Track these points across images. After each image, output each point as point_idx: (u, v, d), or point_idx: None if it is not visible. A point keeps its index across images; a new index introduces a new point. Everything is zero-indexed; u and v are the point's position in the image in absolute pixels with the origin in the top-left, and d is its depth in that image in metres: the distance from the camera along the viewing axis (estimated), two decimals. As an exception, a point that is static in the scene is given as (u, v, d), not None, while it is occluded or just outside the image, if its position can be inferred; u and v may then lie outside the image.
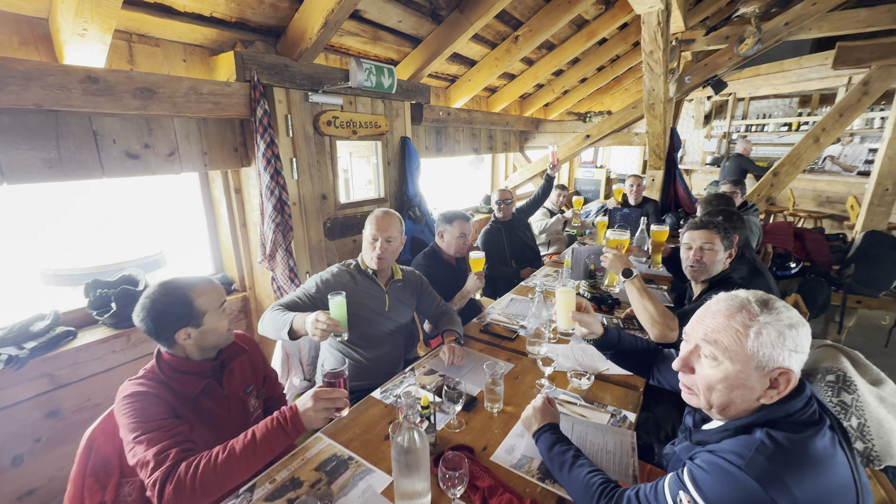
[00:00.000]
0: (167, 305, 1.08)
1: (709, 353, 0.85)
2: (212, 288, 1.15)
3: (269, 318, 1.47)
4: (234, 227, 2.41)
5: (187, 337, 1.10)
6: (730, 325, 0.82)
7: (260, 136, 1.98)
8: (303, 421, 1.06)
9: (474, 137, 4.22)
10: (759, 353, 0.79)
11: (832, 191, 5.52)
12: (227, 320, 1.18)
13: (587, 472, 0.98)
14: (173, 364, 1.12)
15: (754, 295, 0.84)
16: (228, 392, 1.21)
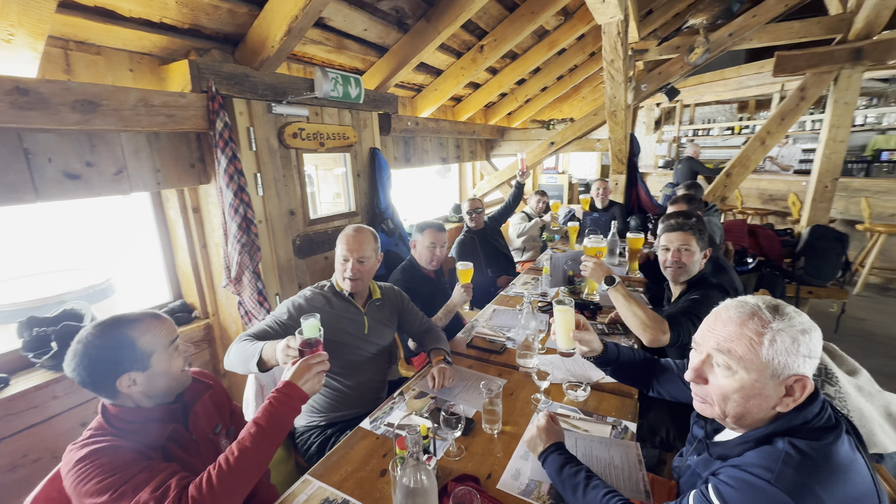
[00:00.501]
0: (102, 349, 0.91)
1: (722, 363, 0.83)
2: (158, 323, 1.00)
3: (236, 351, 1.33)
4: (192, 250, 2.22)
5: (132, 384, 0.95)
6: (743, 332, 0.80)
7: (220, 150, 1.84)
8: (304, 390, 1.04)
9: (442, 147, 4.19)
10: (774, 361, 0.77)
11: (774, 189, 5.93)
12: (180, 359, 1.03)
13: (604, 495, 0.93)
14: (124, 416, 0.96)
15: (764, 301, 0.82)
16: (197, 436, 1.07)
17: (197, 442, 1.06)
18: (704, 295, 1.54)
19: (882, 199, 4.70)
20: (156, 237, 2.22)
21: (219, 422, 1.14)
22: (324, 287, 1.63)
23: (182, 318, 2.20)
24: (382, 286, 1.79)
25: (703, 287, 1.61)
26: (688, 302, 1.55)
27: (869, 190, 4.80)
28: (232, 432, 1.18)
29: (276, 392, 1.02)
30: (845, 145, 3.54)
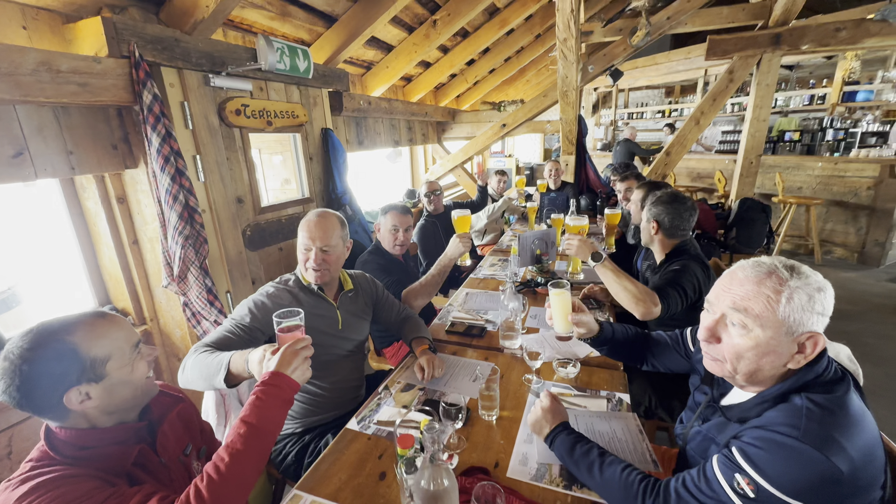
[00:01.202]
0: (36, 363, 0.72)
1: (738, 322, 0.82)
2: (106, 323, 0.81)
3: (194, 364, 1.11)
4: (120, 246, 1.91)
5: (84, 398, 0.76)
6: (760, 291, 0.80)
7: (151, 128, 1.57)
8: (294, 378, 0.93)
9: (394, 129, 4.02)
10: (790, 319, 0.77)
11: (701, 167, 6.44)
12: (144, 365, 0.86)
13: (622, 470, 0.91)
14: (77, 441, 0.78)
15: (780, 260, 0.82)
16: (166, 459, 0.89)
17: (166, 466, 0.88)
18: (685, 266, 1.59)
19: (791, 174, 5.26)
20: (71, 233, 1.88)
21: (189, 441, 0.97)
22: (288, 281, 1.45)
23: (113, 327, 1.90)
24: (353, 275, 1.64)
25: (684, 257, 1.66)
26: (670, 273, 1.59)
27: (781, 166, 5.34)
28: (204, 452, 1.01)
29: (263, 385, 0.89)
30: (767, 124, 3.89)
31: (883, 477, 0.77)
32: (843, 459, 0.69)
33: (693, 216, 1.71)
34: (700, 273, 1.58)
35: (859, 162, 4.65)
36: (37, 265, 1.92)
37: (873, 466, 0.74)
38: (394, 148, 4.16)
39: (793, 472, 0.71)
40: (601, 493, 0.93)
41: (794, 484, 0.70)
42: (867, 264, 4.76)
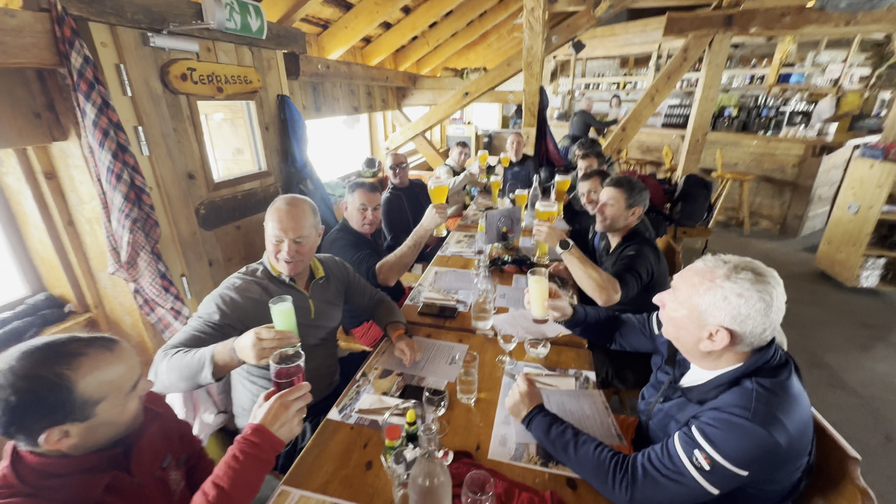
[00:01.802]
0: (27, 394, 0.66)
1: (673, 296, 0.98)
2: (113, 358, 0.75)
3: (170, 368, 1.04)
4: (52, 228, 1.71)
5: (63, 436, 0.71)
6: (693, 279, 0.93)
7: (84, 96, 1.37)
8: (278, 436, 0.86)
9: (353, 94, 3.81)
10: (701, 307, 0.91)
11: (651, 141, 6.73)
12: (136, 403, 0.80)
13: (594, 448, 0.99)
14: (43, 468, 0.72)
15: (739, 264, 0.90)
16: (141, 478, 0.84)
17: (141, 485, 0.84)
18: (639, 251, 1.69)
19: (729, 151, 5.65)
20: (-11, 214, 1.65)
21: (167, 452, 0.92)
22: (255, 272, 1.37)
23: (52, 316, 1.73)
24: (324, 260, 1.58)
25: (637, 241, 1.76)
26: (626, 259, 1.68)
27: (721, 142, 5.71)
28: (183, 460, 0.97)
29: (244, 441, 0.83)
30: (714, 103, 4.10)
31: (810, 445, 0.91)
32: (782, 434, 0.81)
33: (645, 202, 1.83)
34: (652, 257, 1.70)
35: (788, 141, 5.07)
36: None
37: (805, 438, 0.87)
38: (354, 114, 3.95)
39: (743, 448, 0.81)
40: (576, 470, 1.02)
41: (744, 457, 0.81)
42: (787, 235, 5.31)
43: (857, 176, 3.74)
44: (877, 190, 3.52)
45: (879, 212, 3.50)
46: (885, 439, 2.17)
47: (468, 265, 2.35)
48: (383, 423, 1.13)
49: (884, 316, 3.40)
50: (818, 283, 4.00)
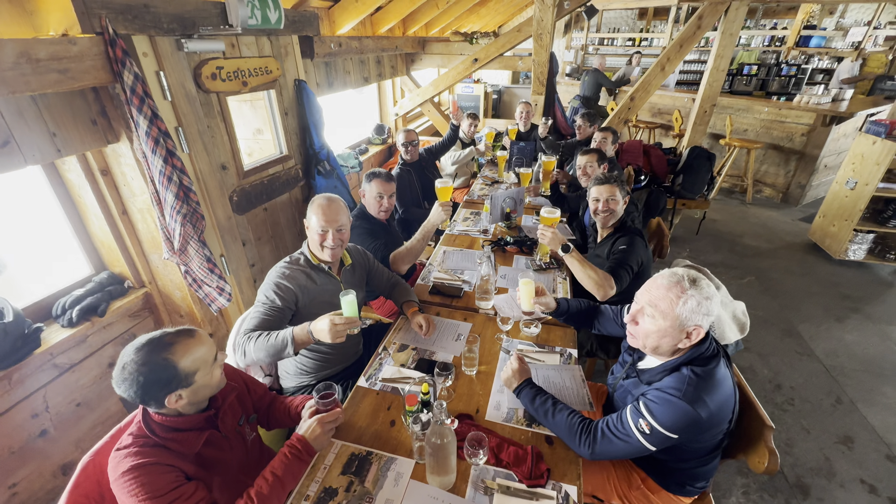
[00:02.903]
0: (149, 374, 0.95)
1: (650, 313, 1.17)
2: (195, 342, 1.03)
3: (257, 347, 1.36)
4: (109, 217, 1.96)
5: (178, 399, 1.01)
6: (667, 295, 1.14)
7: (137, 110, 1.56)
8: (314, 446, 1.17)
9: (363, 65, 3.85)
10: (682, 315, 1.12)
11: (663, 104, 6.62)
12: (219, 370, 1.09)
13: (567, 415, 1.28)
14: (166, 424, 1.03)
15: (688, 274, 1.13)
16: (226, 433, 1.17)
17: (227, 438, 1.16)
18: (630, 244, 1.89)
19: (740, 116, 5.60)
20: (55, 204, 1.89)
21: (242, 414, 1.24)
22: (298, 261, 1.63)
23: (116, 291, 2.02)
24: (349, 250, 1.84)
25: (627, 232, 1.96)
26: (619, 254, 1.89)
27: (732, 108, 5.64)
28: (253, 419, 1.29)
29: (291, 446, 1.14)
30: (724, 74, 4.07)
31: (730, 415, 1.18)
32: (704, 410, 1.08)
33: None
34: (641, 248, 1.91)
35: (799, 109, 5.02)
36: (22, 235, 1.95)
37: (723, 412, 1.14)
38: (365, 85, 4.01)
39: (674, 418, 1.09)
40: (553, 430, 1.31)
41: (674, 425, 1.09)
42: (788, 203, 5.41)
43: (858, 152, 3.80)
44: (875, 167, 3.60)
45: (875, 188, 3.61)
46: (835, 402, 2.49)
47: (474, 244, 2.58)
48: (404, 392, 1.43)
49: (863, 288, 3.62)
50: (808, 253, 4.19)
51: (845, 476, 2.04)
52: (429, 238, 2.19)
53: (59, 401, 1.84)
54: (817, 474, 2.05)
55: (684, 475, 1.32)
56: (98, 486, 1.15)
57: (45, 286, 1.93)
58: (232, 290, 2.08)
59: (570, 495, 1.16)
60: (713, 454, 1.26)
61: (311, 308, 1.59)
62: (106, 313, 1.93)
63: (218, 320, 2.28)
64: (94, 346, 1.93)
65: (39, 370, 1.74)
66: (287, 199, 2.68)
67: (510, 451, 1.25)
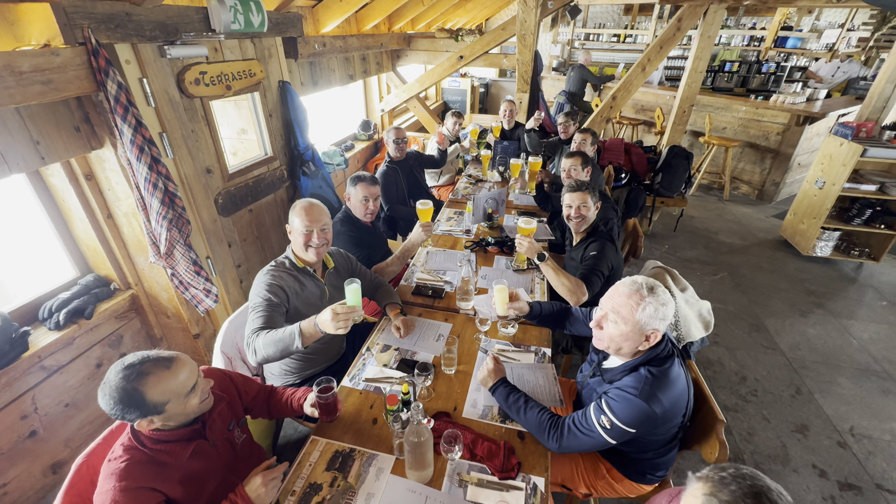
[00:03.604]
0: (119, 399, 0.98)
1: (613, 319, 1.27)
2: (170, 375, 1.04)
3: (266, 343, 1.39)
4: (94, 221, 1.98)
5: (150, 422, 1.05)
6: (628, 302, 1.23)
7: (121, 118, 1.58)
8: (252, 499, 1.11)
9: (348, 63, 3.85)
10: (642, 321, 1.22)
11: (645, 100, 6.74)
12: (197, 399, 1.11)
13: (538, 412, 1.38)
14: (153, 436, 1.08)
15: (646, 283, 1.23)
16: (214, 440, 1.21)
17: (215, 446, 1.20)
18: (601, 250, 1.98)
19: (720, 115, 5.74)
20: (41, 209, 1.91)
21: (231, 418, 1.29)
22: (284, 264, 1.68)
23: (102, 294, 2.05)
24: (332, 253, 1.89)
25: (598, 237, 2.06)
26: (590, 260, 1.98)
27: (712, 106, 5.78)
28: (243, 423, 1.35)
29: (228, 501, 1.11)
30: (703, 76, 4.18)
31: (684, 410, 1.29)
32: (658, 406, 1.18)
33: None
34: (612, 253, 2.00)
35: (775, 109, 5.17)
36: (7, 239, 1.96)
37: (677, 407, 1.25)
38: (350, 82, 4.02)
39: (631, 414, 1.19)
40: (524, 426, 1.41)
41: (632, 421, 1.20)
42: (763, 200, 5.60)
43: (827, 152, 3.96)
44: (842, 168, 3.76)
45: (841, 188, 3.78)
46: (795, 392, 2.65)
47: (457, 244, 2.65)
48: (386, 392, 1.51)
49: (827, 284, 3.81)
50: (779, 250, 4.37)
51: (799, 462, 2.20)
52: (409, 256, 2.25)
53: (47, 402, 1.88)
54: (774, 460, 2.21)
55: (645, 465, 1.44)
56: (92, 485, 1.20)
57: (30, 290, 1.95)
58: (218, 291, 2.13)
59: (538, 486, 1.26)
60: (670, 446, 1.37)
61: (301, 311, 1.65)
62: (93, 315, 1.97)
63: (205, 321, 2.32)
64: (81, 347, 1.97)
65: (28, 373, 1.77)
66: (272, 200, 2.71)
67: (484, 447, 1.35)
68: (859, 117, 3.90)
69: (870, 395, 2.63)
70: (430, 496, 1.21)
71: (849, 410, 2.52)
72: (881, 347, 3.04)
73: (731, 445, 2.26)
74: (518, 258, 2.33)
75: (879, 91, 3.69)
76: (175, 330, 2.30)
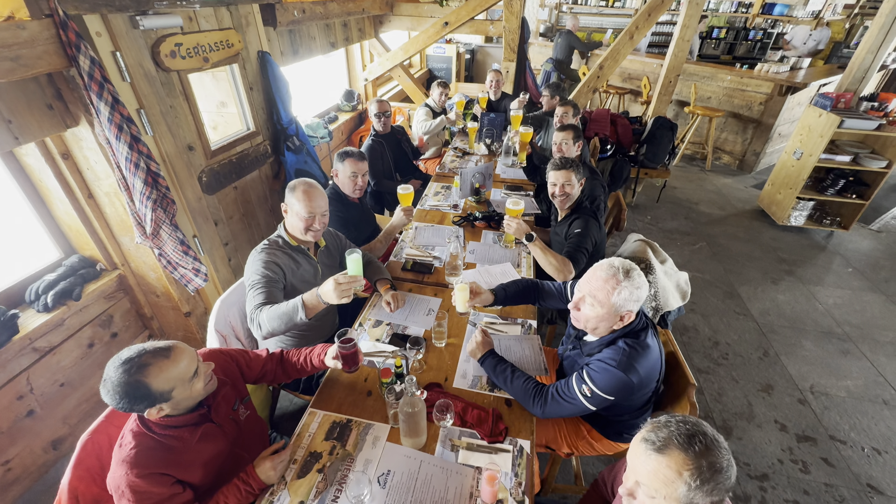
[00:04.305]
0: (127, 390, 1.00)
1: (590, 302, 1.33)
2: (171, 363, 1.06)
3: (270, 317, 1.45)
4: (75, 201, 1.93)
5: (160, 410, 1.07)
6: (605, 286, 1.29)
7: (97, 96, 1.53)
8: (263, 479, 1.19)
9: (329, 30, 3.70)
10: (617, 303, 1.29)
11: (633, 68, 6.67)
12: (201, 382, 1.13)
13: (523, 381, 1.46)
14: (160, 422, 1.11)
15: (623, 266, 1.29)
16: (220, 422, 1.24)
17: (221, 426, 1.24)
18: (585, 227, 2.03)
19: (705, 84, 5.74)
20: (17, 190, 1.85)
21: (235, 398, 1.32)
22: (277, 243, 1.69)
23: (89, 274, 2.04)
24: (323, 233, 1.91)
25: (582, 214, 2.10)
26: (574, 237, 2.03)
27: (698, 75, 5.77)
28: (247, 400, 1.38)
29: (244, 482, 1.18)
30: (689, 44, 4.15)
31: (658, 377, 1.39)
32: (635, 376, 1.27)
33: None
34: (595, 230, 2.06)
35: (759, 78, 5.20)
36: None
37: (651, 375, 1.34)
38: (332, 50, 3.87)
39: (610, 383, 1.28)
40: (511, 394, 1.49)
41: (611, 389, 1.29)
42: (743, 170, 5.71)
43: (806, 123, 4.04)
44: (819, 139, 3.86)
45: (818, 159, 3.88)
46: (763, 355, 2.83)
47: (445, 220, 2.68)
48: (380, 366, 1.58)
49: (798, 252, 3.98)
50: (755, 219, 4.52)
51: (763, 418, 2.39)
52: (391, 239, 2.27)
53: (42, 382, 1.90)
54: (740, 417, 2.39)
55: (622, 426, 1.55)
56: (98, 460, 1.25)
57: (13, 272, 1.92)
58: (208, 270, 2.13)
59: (524, 448, 1.36)
60: (644, 408, 1.48)
61: (297, 287, 1.68)
62: (81, 296, 1.96)
63: (195, 300, 2.33)
64: (72, 328, 1.97)
65: (20, 355, 1.78)
66: (257, 177, 2.67)
67: (474, 414, 1.44)
68: (839, 88, 3.96)
69: (830, 356, 2.82)
70: (425, 460, 1.30)
71: (810, 370, 2.71)
72: (843, 311, 3.24)
73: (703, 405, 2.44)
74: (506, 238, 2.37)
75: (860, 61, 3.74)
76: (165, 309, 2.31)
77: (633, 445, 0.92)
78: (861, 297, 3.40)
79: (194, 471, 1.16)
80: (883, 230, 4.40)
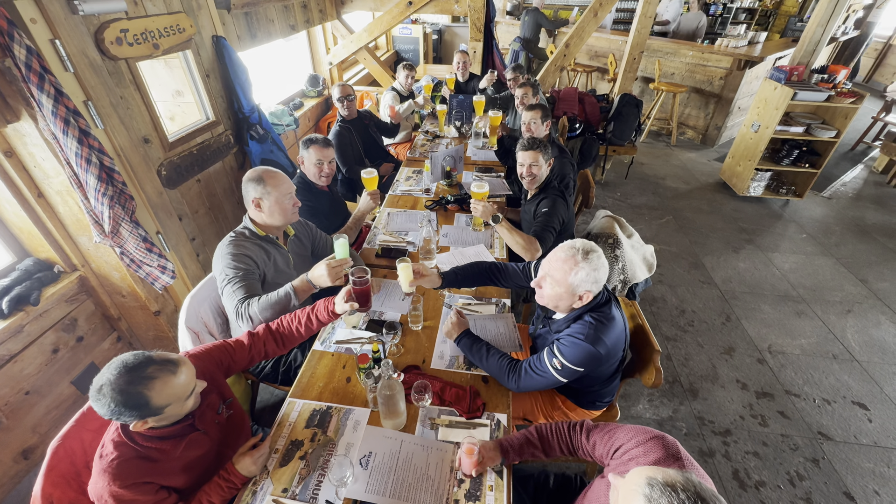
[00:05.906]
0: (122, 402, 0.97)
1: (550, 281, 1.38)
2: (175, 379, 1.03)
3: (262, 308, 1.49)
4: (23, 201, 1.83)
5: (144, 423, 1.04)
6: (563, 266, 1.33)
7: (38, 88, 1.44)
8: (244, 474, 1.19)
9: (288, 12, 3.56)
10: (574, 283, 1.33)
11: (599, 46, 6.71)
12: (192, 399, 1.11)
13: (498, 358, 1.51)
14: (144, 433, 1.08)
15: (583, 248, 1.33)
16: (205, 428, 1.22)
17: (206, 433, 1.21)
18: (552, 206, 2.07)
19: (669, 60, 5.85)
20: (-44, 192, 1.74)
21: (219, 402, 1.29)
22: (244, 235, 1.65)
23: (46, 278, 1.95)
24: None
25: (549, 193, 2.14)
26: (542, 217, 2.06)
27: (662, 51, 5.86)
28: (230, 402, 1.35)
29: (225, 479, 1.17)
30: (652, 21, 4.21)
31: (623, 346, 1.46)
32: (602, 347, 1.33)
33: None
34: (562, 209, 2.10)
35: (719, 53, 5.33)
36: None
37: (617, 346, 1.40)
38: (293, 33, 3.73)
39: (578, 355, 1.34)
40: (487, 371, 1.54)
41: (580, 361, 1.34)
42: (706, 144, 5.90)
43: (763, 97, 4.19)
44: (775, 111, 4.01)
45: (774, 131, 4.05)
46: (725, 320, 2.99)
47: (417, 204, 2.68)
48: (357, 352, 1.59)
49: (757, 221, 4.18)
50: (717, 192, 4.70)
51: (725, 378, 2.54)
52: (360, 224, 2.27)
53: (6, 392, 1.82)
54: (705, 379, 2.54)
55: (594, 395, 1.63)
56: (73, 466, 1.22)
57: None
58: (175, 266, 2.07)
59: (501, 421, 1.41)
60: (613, 378, 1.56)
61: (269, 278, 1.66)
62: (40, 301, 1.88)
63: (164, 298, 2.27)
64: (32, 334, 1.89)
65: None
66: (221, 168, 2.59)
67: (452, 392, 1.48)
68: (792, 61, 4.11)
69: (786, 318, 3.01)
70: (405, 440, 1.33)
71: (768, 332, 2.89)
72: (798, 275, 3.44)
73: (670, 370, 2.57)
74: (475, 221, 2.39)
75: (811, 35, 3.88)
76: (133, 309, 2.24)
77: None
78: (813, 261, 3.61)
79: (178, 476, 1.15)
80: (833, 197, 4.66)
